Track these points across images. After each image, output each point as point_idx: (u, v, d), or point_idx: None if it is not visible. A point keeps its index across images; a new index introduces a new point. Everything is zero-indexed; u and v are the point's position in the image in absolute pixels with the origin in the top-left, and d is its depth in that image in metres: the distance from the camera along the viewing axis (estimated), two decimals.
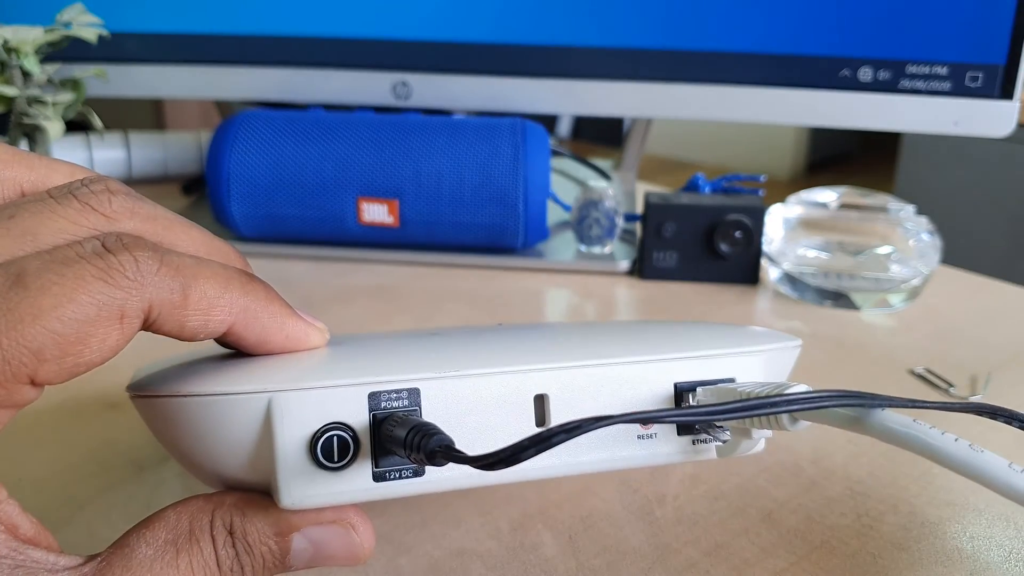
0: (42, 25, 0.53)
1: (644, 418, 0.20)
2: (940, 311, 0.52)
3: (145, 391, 0.23)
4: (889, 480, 0.35)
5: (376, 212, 0.55)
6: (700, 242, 0.54)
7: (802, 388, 0.24)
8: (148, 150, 0.73)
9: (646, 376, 0.25)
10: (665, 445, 0.25)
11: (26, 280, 0.19)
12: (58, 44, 0.53)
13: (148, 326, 0.21)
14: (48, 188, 0.23)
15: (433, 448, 0.20)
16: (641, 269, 0.56)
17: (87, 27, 0.54)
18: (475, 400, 0.23)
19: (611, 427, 0.24)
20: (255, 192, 0.55)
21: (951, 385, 0.43)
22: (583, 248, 0.58)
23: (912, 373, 0.44)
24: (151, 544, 0.21)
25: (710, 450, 0.26)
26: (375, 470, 0.22)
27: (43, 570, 0.20)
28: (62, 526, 0.31)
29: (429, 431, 0.21)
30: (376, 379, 0.22)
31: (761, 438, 0.25)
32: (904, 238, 0.53)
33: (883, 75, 0.55)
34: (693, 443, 0.26)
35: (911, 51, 0.54)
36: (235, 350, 0.25)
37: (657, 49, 0.57)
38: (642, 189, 0.71)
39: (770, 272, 0.55)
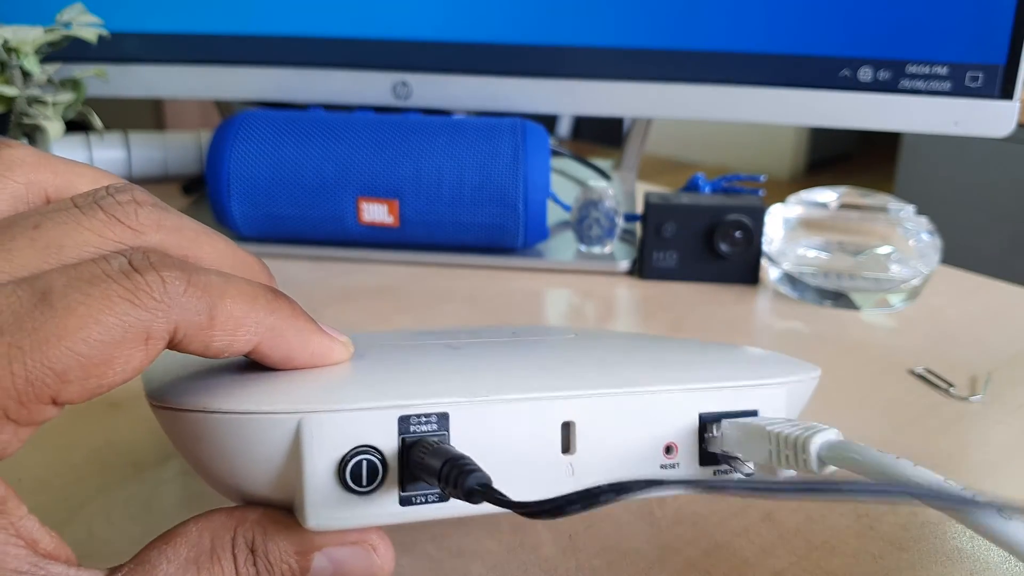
0: (42, 25, 0.53)
1: (705, 488, 0.20)
2: (940, 311, 0.52)
3: (168, 403, 0.23)
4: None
5: (376, 212, 0.55)
6: (700, 242, 0.54)
7: (833, 435, 0.24)
8: (148, 150, 0.73)
9: (671, 405, 0.25)
10: (686, 475, 0.26)
11: (52, 299, 0.19)
12: (58, 44, 0.53)
13: (173, 346, 0.21)
14: (73, 195, 0.22)
15: (471, 487, 0.20)
16: (641, 269, 0.56)
17: (87, 27, 0.54)
18: (502, 425, 0.24)
19: (638, 453, 0.25)
20: (255, 192, 0.55)
21: (951, 385, 0.43)
22: (583, 248, 0.58)
23: (912, 373, 0.44)
24: (172, 562, 0.21)
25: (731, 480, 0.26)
26: (402, 495, 0.22)
27: None
28: (62, 526, 0.31)
29: (466, 467, 0.21)
30: (406, 402, 0.22)
31: (787, 475, 0.25)
32: (904, 238, 0.53)
33: (883, 75, 0.55)
34: (714, 474, 0.26)
35: (911, 51, 0.54)
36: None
37: (657, 49, 0.57)
38: (642, 189, 0.71)
39: (770, 272, 0.55)
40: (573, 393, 0.24)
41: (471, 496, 0.20)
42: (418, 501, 0.22)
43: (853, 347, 0.47)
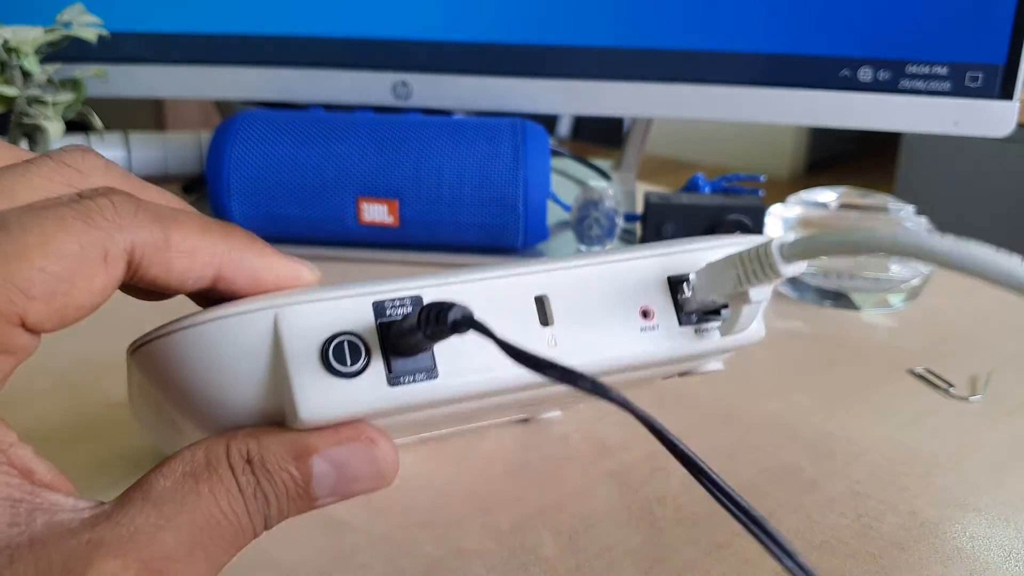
0: (42, 25, 0.53)
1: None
2: (940, 311, 0.52)
3: (146, 339, 0.23)
4: (889, 480, 0.35)
5: (376, 212, 0.55)
6: None
7: (791, 235, 0.24)
8: (148, 150, 0.73)
9: (640, 272, 0.26)
10: (668, 338, 0.26)
11: (7, 224, 0.19)
12: (58, 44, 0.53)
13: (134, 272, 0.21)
14: None
15: (455, 319, 0.20)
16: None
17: (87, 27, 0.54)
18: (477, 305, 0.23)
19: (615, 319, 0.25)
20: (255, 192, 0.55)
21: (951, 385, 0.43)
22: (583, 248, 0.58)
23: (912, 373, 0.44)
24: (168, 477, 0.21)
25: (713, 334, 0.26)
26: (389, 375, 0.22)
27: (62, 511, 0.20)
28: None
29: (444, 304, 0.20)
30: (379, 288, 0.22)
31: (762, 299, 0.25)
32: None
33: (883, 75, 0.55)
34: (696, 332, 0.26)
35: (911, 51, 0.54)
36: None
37: (657, 49, 0.57)
38: (642, 189, 0.71)
39: None
40: (541, 268, 0.25)
41: (456, 328, 0.20)
42: (406, 380, 0.22)
43: (853, 347, 0.47)
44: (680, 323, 0.26)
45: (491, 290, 0.24)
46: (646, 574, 0.30)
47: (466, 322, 0.20)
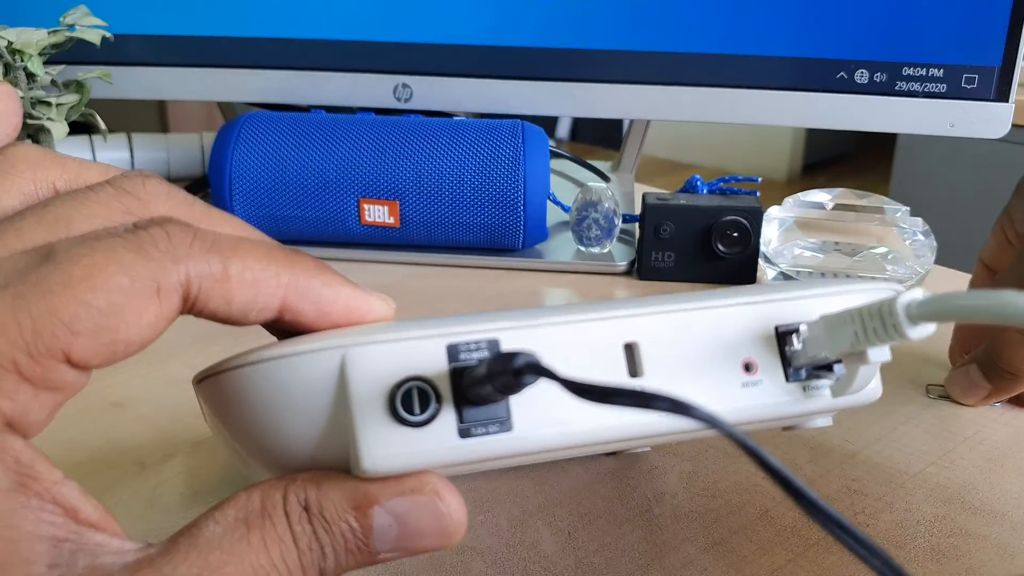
0: (46, 27, 0.53)
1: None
2: None
3: (211, 371, 0.22)
4: (885, 478, 0.35)
5: (377, 213, 0.55)
6: (698, 243, 0.55)
7: (919, 293, 0.21)
8: (151, 151, 0.73)
9: (744, 320, 0.23)
10: (773, 396, 0.23)
11: (56, 255, 0.19)
12: (62, 46, 0.54)
13: (192, 306, 0.20)
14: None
15: (520, 366, 0.19)
16: (639, 269, 0.56)
17: (91, 29, 0.54)
18: (559, 351, 0.21)
19: (714, 372, 0.23)
20: (258, 193, 0.55)
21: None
22: (582, 248, 0.58)
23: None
24: (220, 523, 0.20)
25: (823, 393, 0.24)
26: (460, 425, 0.20)
27: (105, 553, 0.19)
28: None
29: (512, 353, 0.19)
30: (454, 330, 0.21)
31: (880, 359, 0.23)
32: (900, 239, 0.53)
33: (879, 77, 0.56)
34: (804, 390, 0.24)
35: (907, 53, 0.55)
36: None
37: (655, 52, 0.58)
38: (640, 190, 0.71)
39: (767, 272, 0.55)
40: (632, 312, 0.22)
41: (521, 375, 0.19)
42: (478, 432, 0.20)
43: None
44: (787, 379, 0.24)
45: (575, 335, 0.22)
46: (644, 570, 0.30)
47: (530, 368, 0.19)
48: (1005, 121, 0.54)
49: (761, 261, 0.55)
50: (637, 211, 0.66)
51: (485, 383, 0.20)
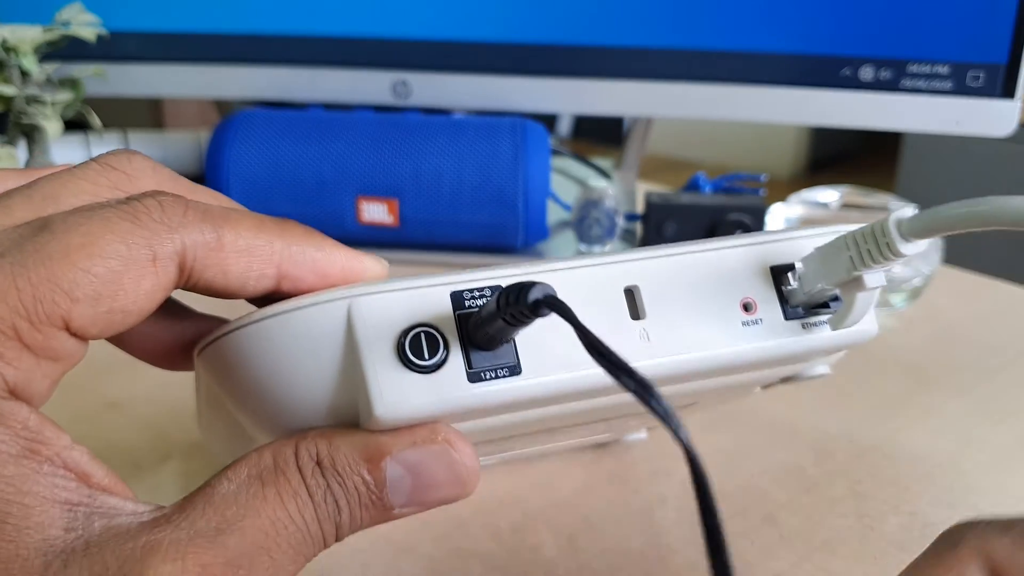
0: (41, 24, 0.53)
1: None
2: (942, 311, 0.52)
3: (215, 336, 0.22)
4: (890, 481, 0.35)
5: (375, 212, 0.55)
6: None
7: (909, 210, 0.22)
8: (147, 149, 0.73)
9: (739, 261, 0.24)
10: (773, 334, 0.23)
11: (52, 226, 0.19)
12: (57, 43, 0.53)
13: (188, 276, 0.20)
14: None
15: (536, 298, 0.18)
16: None
17: (86, 26, 0.53)
18: (563, 296, 0.21)
19: (714, 312, 0.23)
20: (254, 191, 0.55)
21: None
22: (583, 247, 0.58)
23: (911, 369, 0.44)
24: (233, 480, 0.20)
25: (823, 328, 0.24)
26: (469, 370, 0.20)
27: (120, 515, 0.19)
28: None
29: (525, 283, 0.19)
30: (457, 278, 0.21)
31: (878, 285, 0.23)
32: None
33: (884, 74, 0.55)
34: (804, 327, 0.24)
35: (912, 50, 0.54)
36: None
37: (658, 48, 0.57)
38: (643, 188, 0.71)
39: None
40: (631, 257, 0.23)
41: (537, 308, 0.18)
42: (488, 376, 0.20)
43: (854, 347, 0.47)
44: (786, 316, 0.24)
45: (577, 280, 0.22)
46: (647, 575, 0.30)
47: (548, 301, 0.19)
48: (1012, 119, 0.54)
49: None
50: (639, 210, 0.65)
51: (495, 317, 0.20)
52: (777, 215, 0.55)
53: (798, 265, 0.24)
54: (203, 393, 0.26)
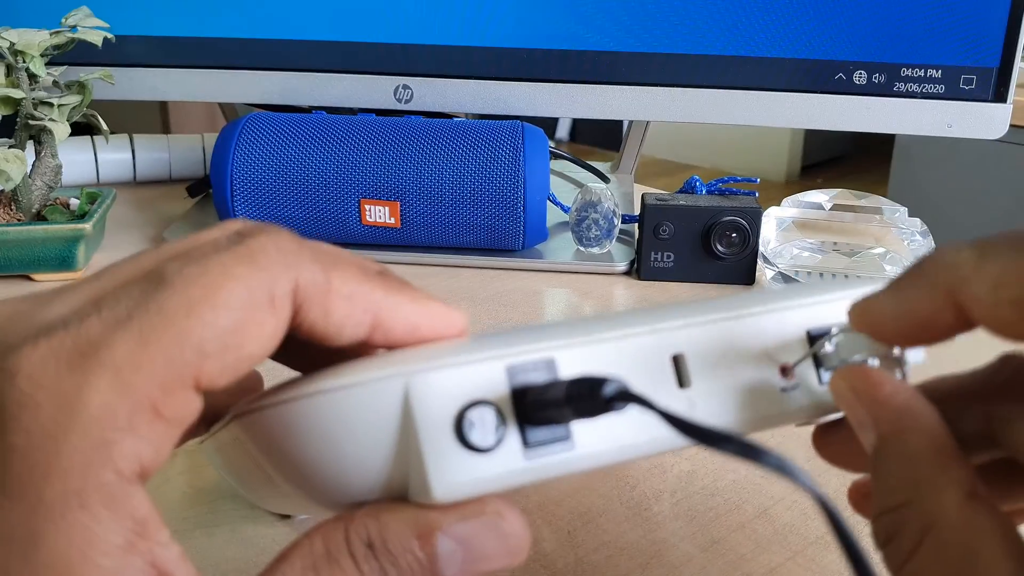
0: (48, 28, 0.53)
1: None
2: None
3: (256, 405, 0.21)
4: None
5: (378, 213, 0.55)
6: (697, 243, 0.55)
7: None
8: (153, 152, 0.73)
9: (779, 325, 0.24)
10: (809, 398, 0.24)
11: (168, 279, 0.18)
12: (64, 47, 0.54)
13: (295, 312, 0.20)
14: None
15: (610, 393, 0.18)
16: (639, 270, 0.56)
17: (93, 30, 0.54)
18: (613, 366, 0.22)
19: (754, 378, 0.23)
20: (259, 194, 0.56)
21: None
22: (582, 249, 0.58)
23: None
24: (288, 575, 0.19)
25: None
26: (524, 448, 0.20)
27: None
28: None
29: (595, 378, 0.19)
30: (511, 350, 0.21)
31: (916, 361, 0.24)
32: (898, 239, 0.53)
33: (878, 78, 0.56)
34: None
35: (905, 55, 0.55)
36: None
37: (654, 53, 0.58)
38: (639, 191, 0.71)
39: (766, 273, 0.55)
40: (679, 323, 0.23)
41: (612, 403, 0.18)
42: (542, 452, 0.20)
43: None
44: (820, 382, 0.24)
45: (626, 350, 0.22)
46: (643, 569, 0.30)
47: (623, 396, 0.19)
48: (1003, 121, 0.55)
49: (760, 261, 0.55)
50: (636, 212, 0.66)
51: (563, 405, 0.19)
52: (771, 216, 0.56)
53: (833, 331, 0.24)
54: (231, 447, 0.25)
